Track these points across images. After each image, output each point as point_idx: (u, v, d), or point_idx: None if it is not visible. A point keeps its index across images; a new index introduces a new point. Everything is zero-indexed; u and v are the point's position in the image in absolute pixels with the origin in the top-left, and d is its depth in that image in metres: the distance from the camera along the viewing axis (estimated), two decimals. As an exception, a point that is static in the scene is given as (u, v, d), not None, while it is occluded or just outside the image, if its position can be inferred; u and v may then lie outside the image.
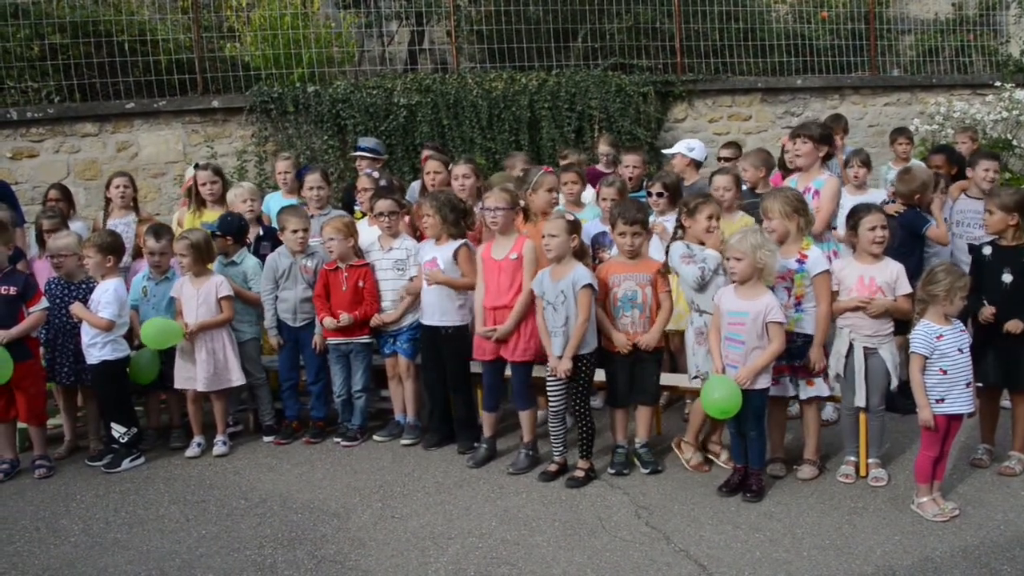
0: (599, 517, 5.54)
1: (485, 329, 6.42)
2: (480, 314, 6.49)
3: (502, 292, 6.38)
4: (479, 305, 6.50)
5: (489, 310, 6.43)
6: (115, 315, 6.63)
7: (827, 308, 5.86)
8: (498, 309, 6.38)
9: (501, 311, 6.37)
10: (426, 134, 10.46)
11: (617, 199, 7.12)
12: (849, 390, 5.86)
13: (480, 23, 12.00)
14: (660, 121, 11.77)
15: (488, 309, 6.43)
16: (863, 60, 12.92)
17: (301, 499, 6.04)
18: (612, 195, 7.23)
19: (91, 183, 10.28)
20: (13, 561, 5.31)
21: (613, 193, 7.25)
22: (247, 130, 10.68)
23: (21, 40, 10.36)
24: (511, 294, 6.34)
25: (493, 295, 6.41)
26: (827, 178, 6.80)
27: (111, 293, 6.68)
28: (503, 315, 6.35)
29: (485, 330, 6.41)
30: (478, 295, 6.52)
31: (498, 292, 6.39)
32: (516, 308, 6.30)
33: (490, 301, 6.42)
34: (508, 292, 6.36)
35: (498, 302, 6.38)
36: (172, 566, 5.15)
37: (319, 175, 7.92)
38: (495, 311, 6.40)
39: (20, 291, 6.59)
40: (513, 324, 6.30)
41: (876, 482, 5.81)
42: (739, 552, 5.02)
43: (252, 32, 11.20)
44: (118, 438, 6.78)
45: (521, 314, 6.29)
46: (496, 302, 6.39)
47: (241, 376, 7.09)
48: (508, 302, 6.34)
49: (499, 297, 6.38)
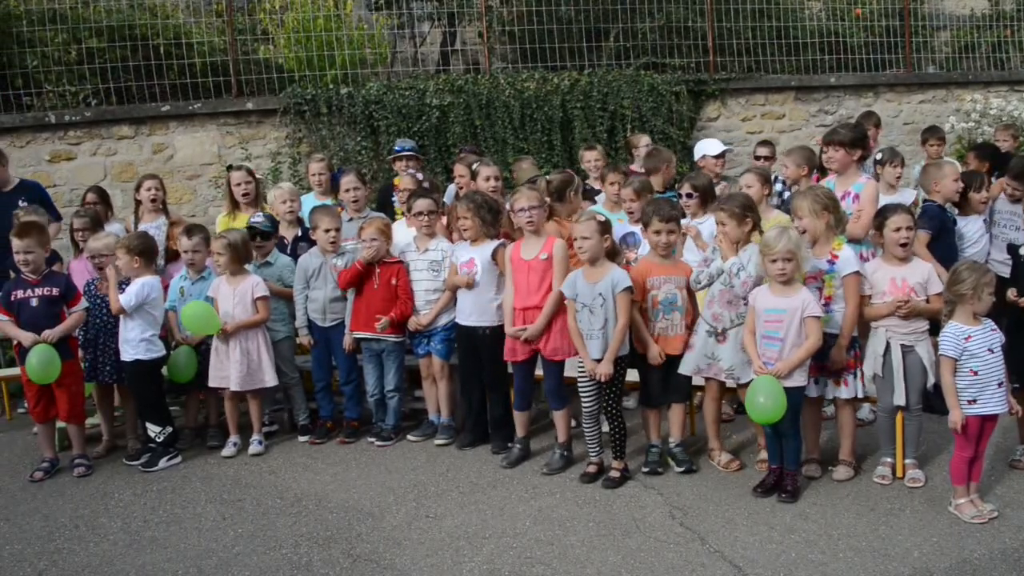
0: (633, 517, 5.53)
1: (515, 329, 6.42)
2: (509, 315, 6.50)
3: (532, 292, 6.37)
4: (508, 306, 6.51)
5: (519, 311, 6.43)
6: (129, 303, 6.67)
7: (854, 309, 5.81)
8: (528, 310, 6.38)
9: (531, 311, 6.37)
10: (458, 135, 10.50)
11: (635, 199, 7.10)
12: (887, 390, 5.80)
13: (512, 23, 12.00)
14: (693, 120, 11.72)
15: (518, 310, 6.44)
16: (898, 57, 12.79)
17: (336, 498, 6.08)
18: (629, 196, 7.21)
19: (128, 185, 10.36)
20: (53, 558, 5.38)
21: (630, 194, 7.21)
22: (281, 132, 10.76)
23: (59, 44, 10.51)
24: (541, 294, 6.34)
25: (523, 295, 6.41)
26: (866, 181, 6.74)
27: (137, 284, 6.74)
28: (533, 315, 6.35)
29: (515, 330, 6.42)
30: (507, 296, 6.53)
31: (528, 292, 6.39)
32: (546, 308, 6.29)
33: (520, 301, 6.42)
34: (538, 292, 6.35)
35: (528, 302, 6.38)
36: (209, 564, 5.20)
37: (355, 176, 7.94)
38: (525, 311, 6.40)
39: (62, 292, 6.70)
40: (543, 324, 6.29)
41: (913, 483, 5.76)
42: (774, 553, 4.99)
43: (285, 34, 11.28)
44: (154, 437, 6.86)
45: (551, 314, 6.29)
46: (526, 302, 6.39)
47: (274, 377, 7.14)
48: (538, 302, 6.34)
49: (528, 297, 6.38)
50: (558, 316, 6.29)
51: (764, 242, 5.66)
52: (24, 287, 6.67)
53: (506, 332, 6.51)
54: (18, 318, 6.63)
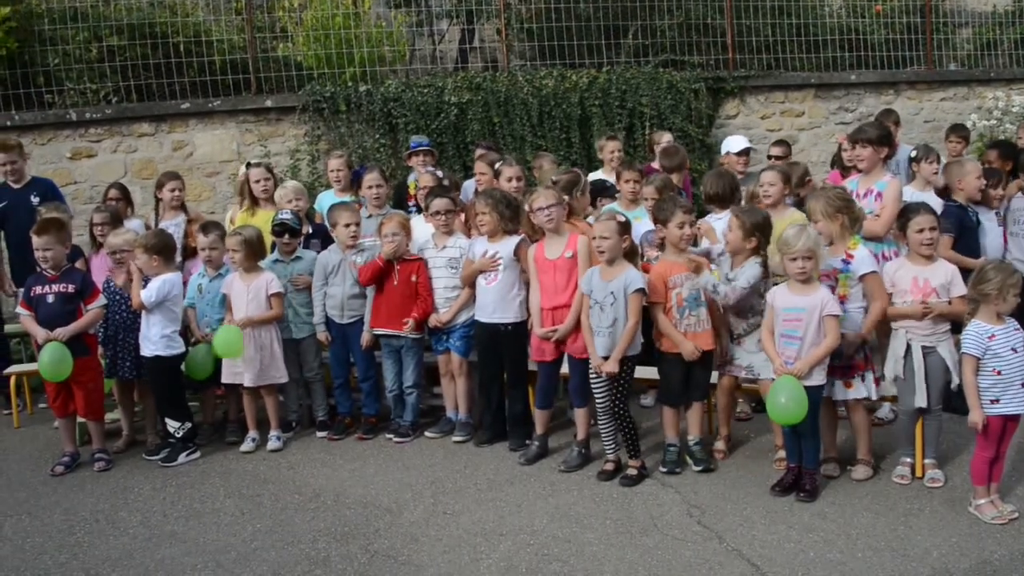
0: (651, 515, 5.52)
1: (545, 330, 6.41)
2: (537, 315, 6.49)
3: (559, 291, 6.37)
4: (536, 306, 6.50)
5: (547, 310, 6.43)
6: (149, 299, 6.69)
7: (881, 307, 5.78)
8: (557, 309, 6.38)
9: (560, 310, 6.37)
10: (477, 132, 10.50)
11: (657, 197, 7.08)
12: (908, 391, 5.77)
13: (530, 21, 11.99)
14: (712, 118, 11.68)
15: (546, 309, 6.43)
16: (919, 54, 12.71)
17: (354, 494, 6.10)
18: (652, 194, 7.20)
19: (147, 182, 10.40)
20: (74, 551, 5.42)
21: (653, 192, 7.20)
22: (300, 129, 10.79)
23: (80, 42, 10.57)
24: (568, 292, 6.33)
25: (550, 295, 6.40)
26: (889, 179, 6.69)
27: (159, 280, 6.77)
28: (561, 314, 6.35)
29: (545, 331, 6.41)
30: (534, 296, 6.52)
31: (555, 291, 6.38)
32: (575, 305, 6.28)
33: (547, 301, 6.42)
34: (565, 291, 6.35)
35: (556, 301, 6.38)
36: (228, 559, 5.22)
37: (377, 174, 7.94)
38: (553, 311, 6.40)
39: (78, 288, 6.74)
40: (574, 322, 6.28)
41: (932, 483, 5.73)
42: (792, 552, 4.97)
43: (304, 32, 11.30)
44: (173, 432, 6.90)
45: (579, 312, 6.26)
46: (554, 302, 6.38)
47: (286, 373, 7.17)
48: (566, 301, 6.33)
49: (556, 296, 6.37)
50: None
51: (783, 240, 5.62)
52: (43, 283, 6.73)
53: (536, 333, 6.50)
54: (36, 313, 6.69)
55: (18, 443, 7.63)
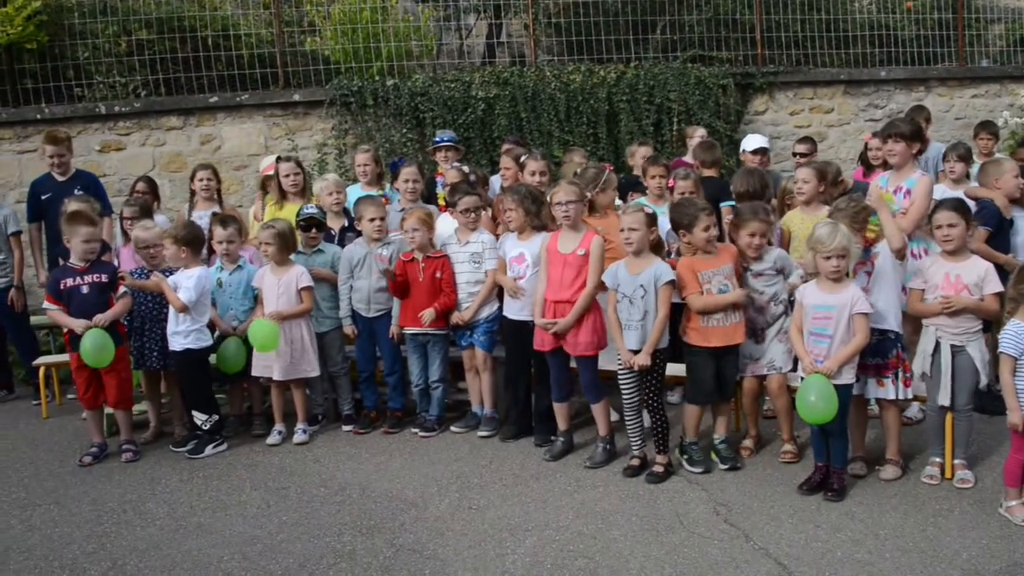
0: (677, 513, 5.50)
1: (544, 321, 6.38)
2: (540, 305, 6.45)
3: (565, 286, 6.32)
4: (540, 295, 6.46)
5: (550, 302, 6.39)
6: (191, 299, 6.75)
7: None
8: (559, 303, 6.33)
9: (562, 305, 6.32)
10: (504, 127, 10.48)
11: (694, 191, 7.05)
12: (935, 389, 5.72)
13: (558, 15, 11.96)
14: (740, 114, 11.61)
15: (549, 301, 6.39)
16: (950, 51, 12.57)
17: (380, 488, 6.10)
18: (689, 188, 7.15)
19: (176, 175, 10.52)
20: (102, 541, 5.46)
21: (690, 186, 7.16)
22: (327, 123, 10.81)
23: (109, 36, 10.64)
24: (574, 289, 6.28)
25: (555, 288, 6.36)
26: (919, 176, 6.62)
27: (194, 279, 6.82)
28: (563, 309, 6.30)
29: (544, 321, 6.37)
30: (540, 286, 6.49)
31: (560, 285, 6.34)
32: (579, 303, 6.25)
33: (552, 294, 6.37)
34: (571, 287, 6.30)
35: (560, 296, 6.33)
36: (254, 551, 5.24)
37: (415, 168, 7.92)
38: (556, 304, 6.35)
39: (110, 278, 6.79)
40: (574, 319, 6.25)
41: (962, 484, 5.67)
42: (820, 552, 4.93)
43: (332, 26, 11.32)
44: (200, 425, 6.93)
45: (583, 309, 6.24)
46: (558, 295, 6.34)
47: (317, 367, 7.19)
48: (569, 297, 6.29)
49: (561, 291, 6.33)
50: (589, 312, 6.26)
51: (816, 238, 5.57)
52: (72, 275, 6.76)
53: (537, 323, 6.48)
54: (68, 306, 6.73)
55: (47, 433, 7.70)
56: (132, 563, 5.15)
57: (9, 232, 8.73)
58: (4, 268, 8.73)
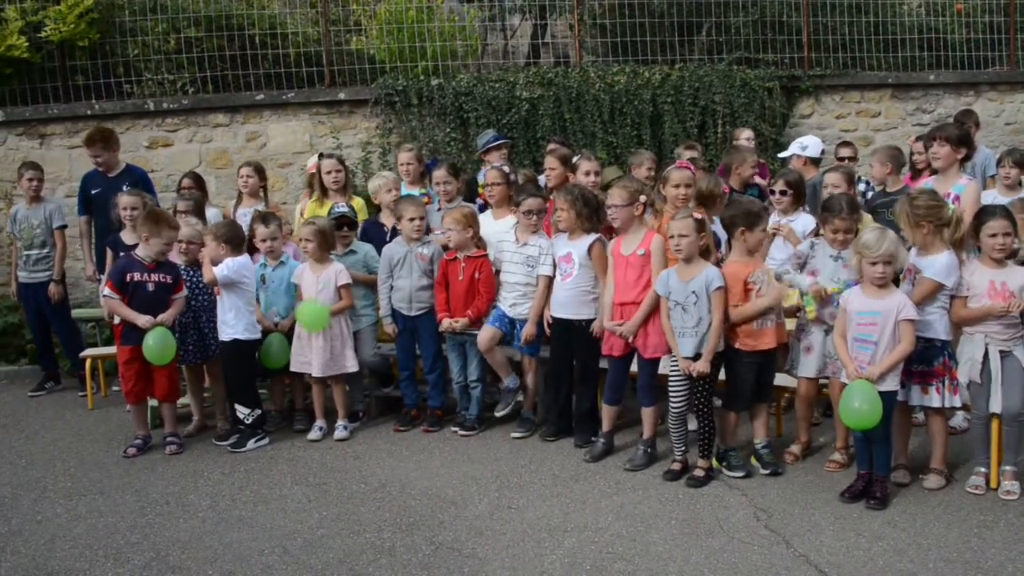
0: (717, 517, 5.47)
1: (612, 324, 6.38)
2: (608, 308, 6.46)
3: (628, 288, 6.33)
4: (608, 299, 6.47)
5: (616, 305, 6.40)
6: (222, 273, 6.79)
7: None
8: (624, 305, 6.34)
9: (628, 307, 6.33)
10: (548, 128, 10.47)
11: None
12: (983, 396, 5.63)
13: (603, 16, 11.91)
14: (786, 117, 11.49)
15: (615, 304, 6.40)
16: (1001, 54, 12.37)
17: (419, 486, 6.13)
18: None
19: (222, 172, 10.62)
20: (145, 532, 5.53)
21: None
22: (372, 122, 10.86)
23: (159, 34, 10.76)
24: (638, 290, 6.29)
25: (621, 290, 6.37)
26: (967, 183, 6.52)
27: (233, 261, 6.88)
28: (629, 311, 6.32)
29: (611, 324, 6.38)
30: (608, 289, 6.49)
31: (625, 287, 6.35)
32: (643, 305, 6.25)
33: (618, 296, 6.39)
34: (635, 288, 6.31)
35: (624, 297, 6.34)
36: (294, 545, 5.28)
37: (444, 171, 7.93)
38: (622, 307, 6.36)
39: (174, 279, 6.96)
40: (640, 320, 6.25)
41: (1008, 495, 5.57)
42: (861, 560, 4.88)
43: (378, 26, 11.37)
44: (243, 419, 7.00)
45: (648, 311, 6.23)
46: (623, 298, 6.35)
47: (356, 363, 7.24)
48: (634, 298, 6.29)
49: (626, 293, 6.34)
50: (656, 313, 6.23)
51: (864, 244, 5.51)
52: (141, 270, 6.86)
53: (604, 326, 6.48)
54: (130, 299, 6.82)
55: (92, 424, 7.83)
56: (174, 554, 5.21)
57: (55, 226, 8.88)
58: (48, 262, 8.88)
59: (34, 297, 8.91)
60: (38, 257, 8.87)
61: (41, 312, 8.96)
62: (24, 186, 8.93)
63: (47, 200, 9.20)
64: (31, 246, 8.85)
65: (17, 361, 9.84)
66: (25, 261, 8.90)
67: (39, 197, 8.99)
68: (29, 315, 9.10)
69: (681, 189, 6.77)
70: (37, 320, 9.03)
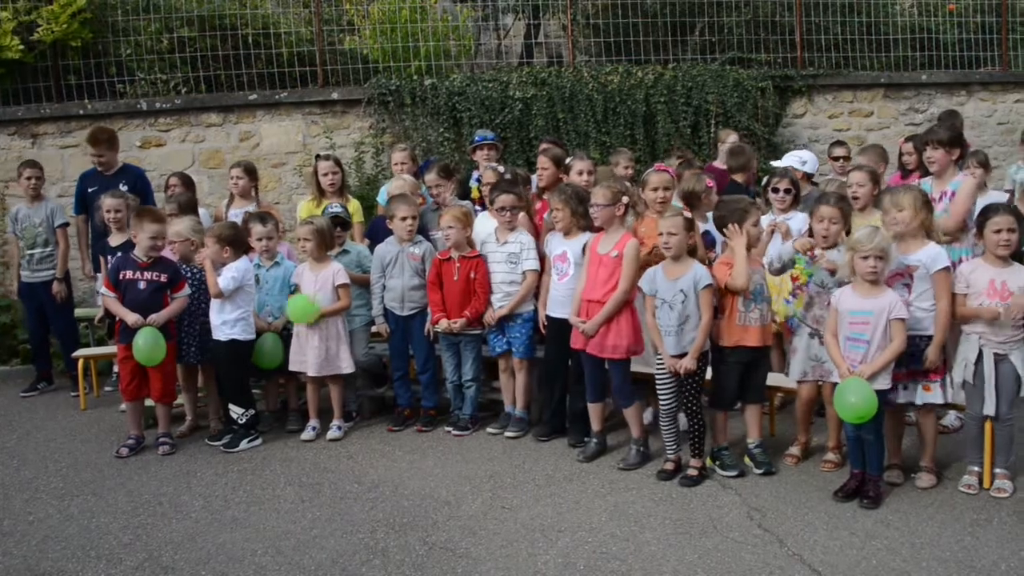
0: (710, 517, 5.47)
1: (576, 319, 6.38)
2: (576, 302, 6.45)
3: (598, 286, 6.30)
4: (577, 293, 6.45)
5: (584, 301, 6.39)
6: (228, 286, 6.80)
7: (946, 306, 5.63)
8: (591, 303, 6.32)
9: (593, 305, 6.31)
10: (541, 127, 10.48)
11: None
12: (977, 398, 5.64)
13: (596, 16, 11.94)
14: (778, 116, 11.52)
15: (584, 301, 6.39)
16: (993, 55, 12.41)
17: (413, 486, 6.12)
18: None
19: (215, 172, 10.61)
20: (137, 533, 5.51)
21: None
22: (365, 122, 10.86)
23: (152, 34, 10.76)
24: (605, 290, 6.26)
25: (590, 288, 6.35)
26: (962, 178, 6.56)
27: (233, 268, 6.88)
28: (594, 309, 6.29)
29: (576, 320, 6.37)
30: (579, 283, 6.48)
31: (594, 285, 6.32)
32: (607, 306, 6.22)
33: (586, 293, 6.38)
34: (603, 287, 6.27)
35: (592, 295, 6.31)
36: (287, 545, 5.27)
37: (434, 174, 7.88)
38: (589, 304, 6.34)
39: (169, 278, 6.91)
40: (601, 321, 6.23)
41: (1000, 493, 5.59)
42: (855, 559, 4.89)
43: (371, 26, 11.37)
44: (236, 419, 6.99)
45: (611, 313, 6.21)
46: (591, 295, 6.32)
47: (351, 363, 7.22)
48: (601, 297, 6.26)
49: (594, 291, 6.31)
50: (620, 315, 6.22)
51: (856, 239, 5.54)
52: (134, 268, 6.86)
53: (570, 320, 6.47)
54: (123, 297, 6.82)
55: (84, 425, 7.80)
56: (167, 555, 5.20)
57: (57, 224, 8.85)
58: (51, 260, 8.85)
59: (36, 296, 8.85)
60: (42, 256, 8.82)
61: (42, 311, 8.91)
62: (24, 185, 8.88)
63: (48, 199, 9.18)
64: (34, 245, 8.80)
65: (9, 361, 9.81)
66: (28, 260, 8.84)
67: (40, 196, 8.94)
68: (30, 314, 9.04)
69: (660, 192, 6.76)
70: (37, 319, 8.99)
